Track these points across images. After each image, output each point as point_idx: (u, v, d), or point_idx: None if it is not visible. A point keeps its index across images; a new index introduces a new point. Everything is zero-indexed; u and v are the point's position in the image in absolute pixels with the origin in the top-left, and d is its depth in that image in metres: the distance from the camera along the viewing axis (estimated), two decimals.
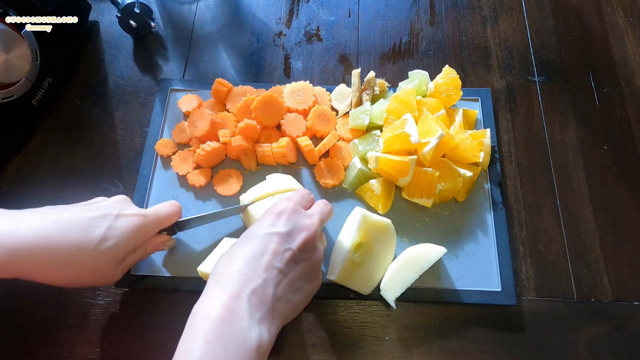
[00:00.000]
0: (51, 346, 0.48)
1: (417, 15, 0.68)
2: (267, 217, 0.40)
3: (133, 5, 0.61)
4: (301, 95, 0.57)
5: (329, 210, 0.45)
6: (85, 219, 0.39)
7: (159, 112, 0.59)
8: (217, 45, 0.66)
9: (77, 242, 0.38)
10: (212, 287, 0.35)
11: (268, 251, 0.37)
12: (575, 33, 0.65)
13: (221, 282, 0.35)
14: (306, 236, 0.39)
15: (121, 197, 0.44)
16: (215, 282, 0.35)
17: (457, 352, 0.47)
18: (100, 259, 0.39)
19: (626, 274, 0.51)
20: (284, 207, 0.40)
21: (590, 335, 0.48)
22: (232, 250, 0.38)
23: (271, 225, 0.39)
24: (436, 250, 0.48)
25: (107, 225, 0.40)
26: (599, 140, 0.58)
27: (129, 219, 0.41)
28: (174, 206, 0.46)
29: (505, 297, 0.48)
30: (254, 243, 0.37)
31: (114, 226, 0.40)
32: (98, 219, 0.40)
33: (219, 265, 0.37)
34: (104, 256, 0.39)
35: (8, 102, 0.54)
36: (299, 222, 0.39)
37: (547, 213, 0.54)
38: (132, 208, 0.43)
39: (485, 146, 0.54)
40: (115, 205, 0.42)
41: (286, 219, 0.39)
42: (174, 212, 0.46)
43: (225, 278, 0.35)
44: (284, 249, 0.37)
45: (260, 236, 0.38)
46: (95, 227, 0.39)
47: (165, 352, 0.47)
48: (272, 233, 0.38)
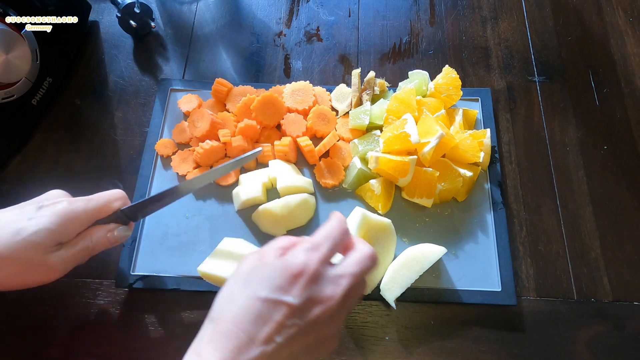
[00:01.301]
0: (51, 346, 0.48)
1: (417, 15, 0.68)
2: (280, 274, 0.32)
3: (133, 5, 0.61)
4: (301, 95, 0.57)
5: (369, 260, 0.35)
6: (8, 219, 0.39)
7: (159, 112, 0.59)
8: (217, 45, 0.66)
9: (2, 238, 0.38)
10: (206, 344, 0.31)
11: (272, 322, 0.31)
12: (575, 33, 0.65)
13: (216, 341, 0.31)
14: (320, 312, 0.32)
15: (54, 192, 0.43)
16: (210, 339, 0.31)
17: (457, 352, 0.47)
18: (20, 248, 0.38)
19: (626, 274, 0.51)
20: (303, 268, 0.32)
21: (590, 335, 0.48)
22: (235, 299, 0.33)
23: (283, 290, 0.31)
24: (436, 250, 0.48)
25: (27, 217, 0.39)
26: (599, 140, 0.58)
27: (52, 207, 0.40)
28: (112, 193, 0.44)
29: (505, 297, 0.48)
30: (260, 306, 0.31)
31: (34, 217, 0.39)
32: (19, 215, 0.39)
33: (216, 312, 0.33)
34: (23, 244, 0.38)
35: (8, 102, 0.54)
36: (317, 292, 0.32)
37: (547, 213, 0.54)
38: (61, 197, 0.42)
39: (485, 146, 0.54)
40: (41, 198, 0.41)
41: (303, 287, 0.32)
42: (111, 199, 0.43)
43: (221, 337, 0.31)
44: (290, 323, 0.31)
45: (268, 300, 0.31)
46: (14, 223, 0.38)
47: (165, 352, 0.47)
48: (281, 302, 0.31)
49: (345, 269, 0.34)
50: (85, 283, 0.51)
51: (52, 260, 0.39)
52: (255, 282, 0.33)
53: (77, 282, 0.51)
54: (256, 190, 0.51)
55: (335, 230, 0.35)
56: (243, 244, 0.49)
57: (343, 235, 0.35)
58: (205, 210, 0.53)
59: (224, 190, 0.55)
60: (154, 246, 0.51)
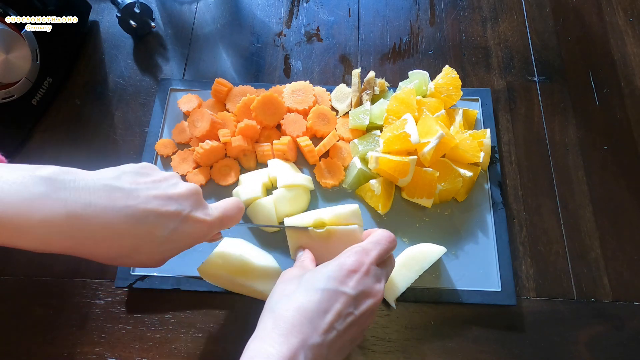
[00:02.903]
0: (51, 346, 0.48)
1: (417, 15, 0.68)
2: (337, 269, 0.37)
3: (133, 5, 0.61)
4: (301, 95, 0.57)
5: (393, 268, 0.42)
6: (155, 215, 0.34)
7: (159, 112, 0.59)
8: (217, 45, 0.66)
9: (140, 239, 0.34)
10: (271, 331, 0.33)
11: (333, 310, 0.35)
12: (575, 33, 0.65)
13: (281, 327, 0.33)
14: (372, 304, 0.37)
15: (193, 189, 0.38)
16: (274, 326, 0.34)
17: (457, 352, 0.47)
18: (153, 256, 0.36)
19: (626, 274, 0.51)
20: (359, 265, 0.37)
21: (590, 335, 0.48)
22: (294, 293, 0.36)
23: (340, 282, 0.36)
24: (436, 250, 0.48)
25: (173, 227, 0.35)
26: (599, 140, 0.58)
27: (195, 227, 0.37)
28: (240, 210, 0.42)
29: (505, 297, 0.48)
30: (320, 296, 0.35)
31: (178, 230, 0.36)
32: (166, 217, 0.35)
33: (278, 305, 0.35)
34: (158, 255, 0.36)
35: (8, 102, 0.54)
36: (369, 287, 0.37)
37: (547, 213, 0.54)
38: (201, 209, 0.38)
39: (485, 146, 0.54)
40: (186, 201, 0.37)
41: (357, 281, 0.36)
42: (238, 217, 0.42)
43: (285, 324, 0.33)
44: (347, 312, 0.35)
45: (328, 290, 0.35)
46: (162, 228, 0.35)
47: (165, 352, 0.47)
48: (341, 292, 0.35)
49: (385, 270, 0.40)
50: (85, 283, 0.51)
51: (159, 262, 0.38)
52: (313, 279, 0.37)
53: (77, 282, 0.51)
54: (256, 190, 0.51)
55: (384, 237, 0.40)
56: (243, 244, 0.49)
57: (391, 247, 0.40)
58: None
59: (224, 190, 0.55)
60: None
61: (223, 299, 0.50)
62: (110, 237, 0.33)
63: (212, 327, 0.48)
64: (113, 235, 0.33)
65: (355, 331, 0.36)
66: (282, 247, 0.51)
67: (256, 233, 0.52)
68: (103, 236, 0.33)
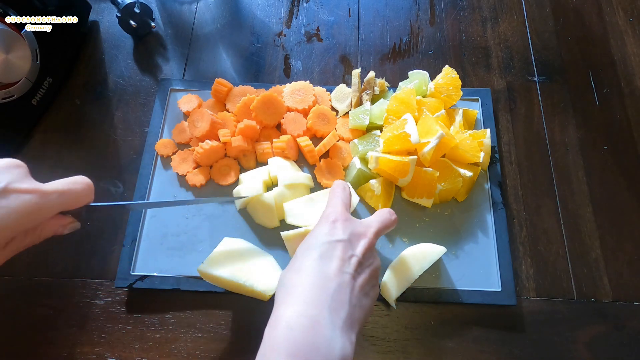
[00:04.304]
0: (51, 346, 0.48)
1: (417, 15, 0.68)
2: (321, 226, 0.39)
3: (133, 5, 0.61)
4: (301, 95, 0.57)
5: (390, 221, 0.42)
6: None
7: (159, 112, 0.59)
8: (217, 45, 0.66)
9: None
10: (287, 297, 0.34)
11: (335, 257, 0.36)
12: (575, 33, 0.65)
13: (295, 293, 0.33)
14: (366, 243, 0.38)
15: (11, 162, 0.34)
16: (288, 293, 0.34)
17: (457, 352, 0.47)
18: None
19: (626, 274, 0.51)
20: (334, 212, 0.39)
21: (590, 335, 0.48)
22: (296, 262, 0.37)
23: (329, 234, 0.37)
24: (436, 250, 0.48)
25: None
26: (599, 140, 0.58)
27: (21, 198, 0.32)
28: (84, 185, 0.36)
29: (505, 297, 0.48)
30: (319, 251, 0.36)
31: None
32: None
33: (287, 277, 0.36)
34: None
35: (8, 102, 0.54)
36: (354, 229, 0.39)
37: (547, 213, 0.54)
38: (26, 181, 0.33)
39: (485, 146, 0.54)
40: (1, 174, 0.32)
41: (342, 227, 0.38)
42: (83, 193, 0.36)
43: (298, 288, 0.34)
44: (348, 255, 0.36)
45: (323, 244, 0.37)
46: None
47: (165, 352, 0.47)
48: (334, 241, 0.37)
49: (372, 217, 0.42)
50: (85, 283, 0.51)
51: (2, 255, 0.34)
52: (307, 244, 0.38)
53: (77, 282, 0.51)
54: (257, 188, 0.51)
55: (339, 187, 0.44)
56: (243, 244, 0.49)
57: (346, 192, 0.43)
58: (205, 210, 0.53)
59: (224, 189, 0.55)
60: (154, 246, 0.51)
61: (223, 299, 0.50)
62: None
63: (212, 327, 0.48)
64: None
65: (369, 275, 0.37)
66: (282, 247, 0.51)
67: (256, 233, 0.52)
68: None
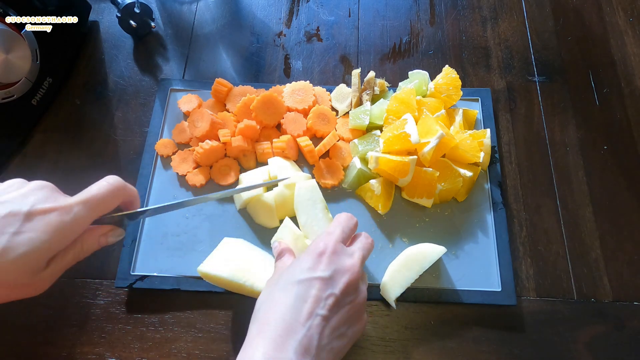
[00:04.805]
0: (51, 346, 0.48)
1: (417, 15, 0.68)
2: (307, 258, 0.37)
3: (133, 5, 0.61)
4: (301, 95, 0.57)
5: (370, 244, 0.42)
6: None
7: (159, 112, 0.59)
8: (217, 45, 0.66)
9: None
10: (255, 336, 0.33)
11: (310, 297, 0.34)
12: (575, 33, 0.65)
13: (264, 331, 0.33)
14: (349, 279, 0.36)
15: (37, 185, 0.35)
16: (258, 331, 0.34)
17: (457, 352, 0.47)
18: (8, 271, 0.31)
19: (626, 274, 0.51)
20: (324, 246, 0.38)
21: (590, 335, 0.48)
22: (272, 295, 0.36)
23: (312, 268, 0.36)
24: (436, 250, 0.48)
25: (13, 230, 0.31)
26: (599, 140, 0.58)
27: (45, 219, 0.32)
28: (113, 189, 0.37)
29: (505, 297, 0.48)
30: (295, 289, 0.35)
31: (22, 230, 0.31)
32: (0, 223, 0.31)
33: (260, 311, 0.35)
34: (12, 267, 0.31)
35: (8, 102, 0.54)
36: (340, 263, 0.37)
37: (547, 213, 0.54)
38: (50, 200, 0.34)
39: (485, 146, 0.54)
40: (27, 199, 0.33)
41: (327, 261, 0.37)
42: (110, 196, 0.37)
43: (268, 326, 0.33)
44: (326, 294, 0.35)
45: (301, 281, 0.35)
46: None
47: (165, 352, 0.47)
48: (314, 278, 0.35)
49: (354, 246, 0.40)
50: (85, 283, 0.51)
51: (39, 279, 0.34)
52: (287, 275, 0.37)
53: (77, 282, 0.51)
54: (257, 189, 0.51)
55: (343, 218, 0.41)
56: (243, 244, 0.49)
57: (350, 223, 0.41)
58: (205, 210, 0.53)
59: (223, 189, 0.55)
60: (154, 246, 0.51)
61: (223, 299, 0.50)
62: None
63: (212, 327, 0.48)
64: None
65: (347, 313, 0.36)
66: None
67: (256, 233, 0.52)
68: None
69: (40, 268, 0.34)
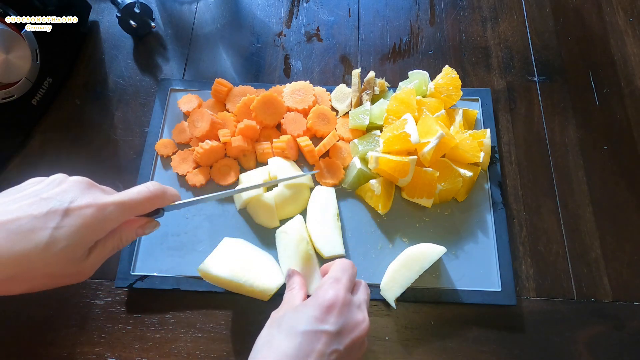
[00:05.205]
0: (51, 346, 0.48)
1: (417, 15, 0.68)
2: (315, 307, 0.36)
3: (133, 5, 0.61)
4: (301, 95, 0.57)
5: (369, 295, 0.41)
6: (27, 221, 0.32)
7: (159, 112, 0.59)
8: (217, 45, 0.66)
9: (20, 252, 0.32)
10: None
11: (314, 352, 0.33)
12: (575, 33, 0.65)
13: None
14: (357, 336, 0.35)
15: (75, 181, 0.36)
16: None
17: (457, 352, 0.47)
18: (53, 263, 0.33)
19: (626, 274, 0.51)
20: (335, 298, 0.36)
21: (590, 335, 0.48)
22: (274, 340, 0.35)
23: (320, 320, 0.35)
24: (436, 250, 0.48)
25: (54, 225, 0.33)
26: (599, 140, 0.58)
27: (82, 213, 0.34)
28: (151, 196, 0.38)
29: (505, 297, 0.48)
30: (300, 340, 0.34)
31: (61, 225, 0.33)
32: (42, 218, 0.33)
33: (259, 354, 0.34)
34: (56, 258, 0.33)
35: (8, 102, 0.54)
36: (350, 318, 0.36)
37: (547, 213, 0.54)
38: (88, 196, 0.35)
39: (485, 146, 0.54)
40: (67, 194, 0.34)
41: (337, 314, 0.35)
42: (150, 202, 0.38)
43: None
44: (330, 350, 0.34)
45: (307, 332, 0.34)
46: (39, 230, 0.32)
47: (165, 352, 0.47)
48: (321, 331, 0.34)
49: (361, 296, 0.39)
50: (85, 283, 0.51)
51: (82, 267, 0.36)
52: (292, 321, 0.35)
53: None
54: (257, 189, 0.51)
55: (347, 265, 0.40)
56: (243, 244, 0.49)
57: (354, 272, 0.40)
58: (205, 210, 0.53)
59: (223, 189, 0.54)
60: (154, 246, 0.51)
61: (223, 299, 0.50)
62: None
63: (212, 327, 0.48)
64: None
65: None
66: None
67: (256, 233, 0.52)
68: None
69: (81, 258, 0.35)
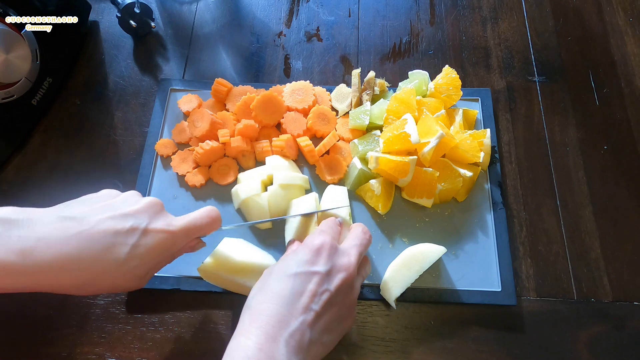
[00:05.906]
0: (51, 346, 0.48)
1: (417, 15, 0.68)
2: (304, 252, 0.38)
3: (133, 5, 0.61)
4: (301, 94, 0.57)
5: (368, 240, 0.43)
6: (110, 235, 0.35)
7: (159, 112, 0.59)
8: (217, 45, 0.66)
9: (99, 262, 0.34)
10: (248, 325, 0.34)
11: (307, 292, 0.35)
12: (575, 33, 0.65)
13: (257, 320, 0.34)
14: (344, 277, 0.37)
15: (150, 202, 0.39)
16: (251, 320, 0.34)
17: (457, 352, 0.47)
18: (122, 277, 0.36)
19: (626, 274, 0.51)
20: (322, 242, 0.39)
21: (590, 335, 0.48)
22: (268, 284, 0.37)
23: (310, 262, 0.37)
24: (436, 250, 0.48)
25: (133, 242, 0.35)
26: (599, 140, 0.58)
27: (156, 237, 0.37)
28: (211, 222, 0.42)
29: (505, 297, 0.48)
30: (293, 281, 0.36)
31: (139, 244, 0.36)
32: (123, 234, 0.35)
33: (254, 300, 0.36)
34: (126, 275, 0.36)
35: (8, 102, 0.54)
36: (337, 261, 0.38)
37: (547, 213, 0.54)
38: (161, 219, 0.38)
39: (485, 146, 0.54)
40: (144, 215, 0.37)
41: (326, 256, 0.38)
42: (208, 227, 0.42)
43: (261, 316, 0.34)
44: (322, 290, 0.36)
45: (299, 274, 0.36)
46: (120, 246, 0.35)
47: (165, 352, 0.47)
48: (312, 272, 0.36)
49: (349, 242, 0.42)
50: None
51: (141, 282, 0.39)
52: (283, 266, 0.38)
53: None
54: (255, 188, 0.51)
55: (331, 221, 0.44)
56: (243, 244, 0.49)
57: (338, 226, 0.44)
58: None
59: (223, 189, 0.55)
60: None
61: (223, 299, 0.50)
62: (66, 266, 0.33)
63: (212, 327, 0.48)
64: (69, 264, 0.33)
65: (338, 310, 0.37)
66: (282, 246, 0.51)
67: (256, 233, 0.52)
68: (60, 266, 0.33)
69: (145, 276, 0.39)
